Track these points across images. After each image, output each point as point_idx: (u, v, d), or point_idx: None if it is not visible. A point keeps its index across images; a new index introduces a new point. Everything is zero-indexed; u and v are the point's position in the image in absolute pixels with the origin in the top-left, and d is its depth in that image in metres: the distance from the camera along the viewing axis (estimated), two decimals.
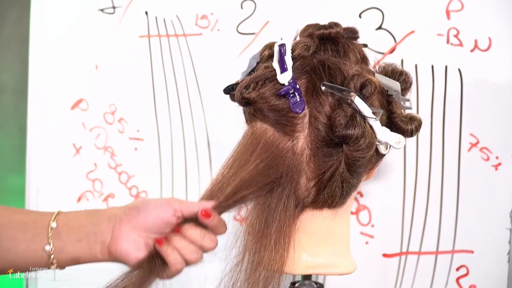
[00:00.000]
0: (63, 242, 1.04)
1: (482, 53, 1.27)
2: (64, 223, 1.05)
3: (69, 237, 1.04)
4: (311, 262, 1.00)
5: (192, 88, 1.42)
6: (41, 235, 1.04)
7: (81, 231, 1.05)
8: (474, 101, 1.28)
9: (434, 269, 1.33)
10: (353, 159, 0.94)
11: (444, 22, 1.28)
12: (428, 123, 1.29)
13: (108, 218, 1.04)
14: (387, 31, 1.31)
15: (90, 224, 1.05)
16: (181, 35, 1.42)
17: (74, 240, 1.04)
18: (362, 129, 0.93)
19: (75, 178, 1.49)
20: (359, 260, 1.07)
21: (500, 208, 1.28)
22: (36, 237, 1.05)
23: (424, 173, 1.32)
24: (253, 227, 0.97)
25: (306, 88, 0.96)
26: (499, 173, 1.28)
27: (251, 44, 1.37)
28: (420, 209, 1.33)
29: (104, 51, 1.46)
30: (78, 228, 1.05)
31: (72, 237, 1.04)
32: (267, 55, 1.01)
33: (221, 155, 1.43)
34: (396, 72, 1.02)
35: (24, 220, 1.06)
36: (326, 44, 1.00)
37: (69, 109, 1.48)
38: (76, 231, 1.05)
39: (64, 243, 1.04)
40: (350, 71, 0.96)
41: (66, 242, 1.04)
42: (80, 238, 1.04)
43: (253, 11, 1.37)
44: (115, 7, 1.44)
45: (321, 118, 0.94)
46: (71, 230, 1.05)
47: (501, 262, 1.29)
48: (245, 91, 0.98)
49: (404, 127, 0.99)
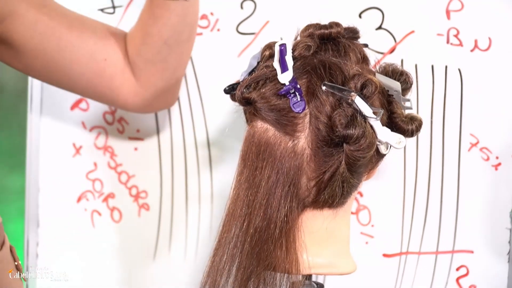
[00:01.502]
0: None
1: (482, 53, 1.27)
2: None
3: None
4: (311, 262, 1.00)
5: (192, 88, 1.42)
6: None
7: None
8: (474, 101, 1.28)
9: (434, 269, 1.33)
10: (353, 159, 0.95)
11: (444, 22, 1.28)
12: (428, 123, 1.29)
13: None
14: (387, 31, 1.31)
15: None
16: None
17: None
18: (363, 129, 0.93)
19: (75, 178, 1.49)
20: (359, 260, 1.07)
21: (500, 208, 1.28)
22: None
23: (424, 173, 1.32)
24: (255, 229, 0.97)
25: (306, 88, 0.96)
26: (499, 173, 1.28)
27: (251, 44, 1.37)
28: (420, 209, 1.33)
29: None
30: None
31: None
32: (268, 55, 1.01)
33: (221, 155, 1.43)
34: (396, 72, 1.02)
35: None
36: (326, 44, 1.00)
37: (69, 109, 1.48)
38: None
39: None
40: (350, 71, 0.96)
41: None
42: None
43: (253, 11, 1.37)
44: (115, 7, 1.44)
45: (321, 118, 0.94)
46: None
47: (501, 262, 1.29)
48: (245, 91, 0.98)
49: (405, 127, 0.99)
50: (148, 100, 1.28)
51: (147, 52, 1.22)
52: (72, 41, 1.20)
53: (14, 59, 1.21)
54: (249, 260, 0.99)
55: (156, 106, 1.33)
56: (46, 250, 1.49)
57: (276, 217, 0.96)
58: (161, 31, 1.19)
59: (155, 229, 1.46)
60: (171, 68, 1.24)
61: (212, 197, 1.44)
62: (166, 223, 1.46)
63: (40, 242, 1.49)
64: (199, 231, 1.45)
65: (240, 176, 1.00)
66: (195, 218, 1.45)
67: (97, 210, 1.48)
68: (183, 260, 1.45)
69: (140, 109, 1.32)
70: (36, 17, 1.17)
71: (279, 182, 0.96)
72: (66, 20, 1.21)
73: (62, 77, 1.24)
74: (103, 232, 1.48)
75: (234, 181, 1.02)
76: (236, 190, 1.01)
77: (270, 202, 0.96)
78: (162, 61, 1.22)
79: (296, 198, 0.96)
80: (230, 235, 0.99)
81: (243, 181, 1.00)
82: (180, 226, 1.46)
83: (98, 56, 1.22)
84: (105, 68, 1.23)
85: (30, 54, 1.20)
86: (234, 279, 1.00)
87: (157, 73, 1.24)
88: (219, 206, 1.43)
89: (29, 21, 1.17)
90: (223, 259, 0.99)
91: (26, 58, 1.20)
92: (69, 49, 1.20)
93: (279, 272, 0.98)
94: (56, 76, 1.24)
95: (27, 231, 1.50)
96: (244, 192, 0.99)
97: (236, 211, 1.00)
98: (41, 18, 1.18)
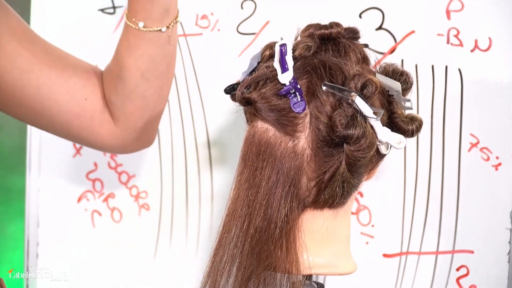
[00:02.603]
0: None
1: (482, 53, 1.27)
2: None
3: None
4: (312, 262, 1.00)
5: (192, 88, 1.42)
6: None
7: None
8: (474, 101, 1.28)
9: (434, 269, 1.33)
10: (354, 159, 0.95)
11: (444, 22, 1.28)
12: (428, 123, 1.30)
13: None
14: (387, 31, 1.31)
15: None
16: (181, 35, 1.42)
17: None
18: (363, 129, 0.93)
19: (75, 178, 1.49)
20: (359, 260, 1.07)
21: (500, 208, 1.28)
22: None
23: (424, 173, 1.32)
24: (255, 229, 0.97)
25: (307, 88, 0.96)
26: (499, 173, 1.28)
27: (252, 44, 1.37)
28: (420, 209, 1.33)
29: (104, 51, 1.46)
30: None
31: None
32: (268, 55, 1.01)
33: (221, 155, 1.43)
34: (397, 72, 1.02)
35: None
36: (327, 44, 1.00)
37: None
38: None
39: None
40: (351, 71, 0.96)
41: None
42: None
43: (253, 11, 1.37)
44: (116, 7, 1.44)
45: (322, 118, 0.95)
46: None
47: (501, 262, 1.29)
48: (246, 91, 0.98)
49: (405, 127, 0.99)
50: (127, 141, 1.21)
51: (124, 88, 1.15)
52: (52, 79, 1.14)
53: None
54: (250, 260, 0.99)
55: (134, 147, 1.26)
56: (46, 250, 1.49)
57: (276, 217, 0.96)
58: (137, 63, 1.13)
59: (155, 229, 1.46)
60: (150, 104, 1.17)
61: (212, 197, 1.44)
62: (166, 223, 1.46)
63: (40, 242, 1.49)
64: (199, 231, 1.45)
65: (240, 176, 1.01)
66: (195, 218, 1.45)
67: (97, 210, 1.48)
68: (183, 260, 1.45)
69: (117, 150, 1.27)
70: (17, 50, 1.11)
71: (280, 182, 0.96)
72: (48, 57, 1.15)
73: (39, 116, 1.17)
74: (104, 232, 1.48)
75: (234, 181, 1.02)
76: (237, 190, 1.01)
77: (271, 202, 0.96)
78: (140, 97, 1.15)
79: (296, 198, 0.96)
80: (230, 235, 0.99)
81: (243, 181, 1.00)
82: (181, 226, 1.46)
83: (78, 96, 1.16)
84: (85, 108, 1.16)
85: (7, 90, 1.12)
86: (234, 279, 1.00)
87: (136, 111, 1.17)
88: (219, 206, 1.43)
89: (10, 53, 1.11)
90: (223, 259, 0.99)
91: (2, 93, 1.13)
92: (49, 88, 1.14)
93: (279, 272, 0.98)
94: (32, 115, 1.17)
95: (27, 231, 1.50)
96: (245, 192, 0.99)
97: (237, 211, 1.00)
98: (23, 53, 1.12)
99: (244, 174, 0.99)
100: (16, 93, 1.12)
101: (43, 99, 1.14)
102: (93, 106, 1.16)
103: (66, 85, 1.15)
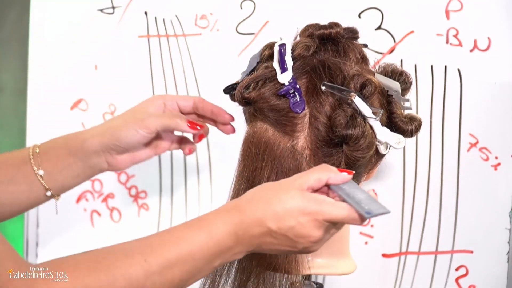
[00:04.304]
0: (61, 181, 1.08)
1: (481, 53, 1.27)
2: (51, 167, 1.07)
3: (65, 177, 1.07)
4: (311, 262, 1.00)
5: (191, 88, 1.42)
6: (36, 184, 1.06)
7: (73, 168, 1.07)
8: (474, 101, 1.28)
9: (433, 269, 1.33)
10: (353, 159, 0.95)
11: (444, 22, 1.28)
12: (427, 123, 1.30)
13: (95, 152, 1.06)
14: (386, 31, 1.31)
15: (78, 161, 1.07)
16: (180, 35, 1.42)
17: (72, 177, 1.08)
18: (362, 129, 0.93)
19: None
20: (358, 260, 1.07)
21: (499, 208, 1.28)
22: (32, 186, 1.07)
23: (424, 173, 1.32)
24: None
25: (306, 88, 0.96)
26: (498, 173, 1.28)
27: (251, 44, 1.37)
28: (419, 209, 1.33)
29: (103, 51, 1.46)
30: (69, 167, 1.07)
31: (69, 175, 1.07)
32: (267, 55, 1.01)
33: (221, 155, 1.43)
34: (396, 72, 1.02)
35: (10, 174, 1.07)
36: (326, 44, 1.00)
37: (69, 109, 1.48)
38: (69, 170, 1.07)
39: (63, 182, 1.08)
40: (350, 71, 0.96)
41: (63, 181, 1.08)
42: (77, 173, 1.08)
43: (253, 11, 1.37)
44: (115, 7, 1.44)
45: (321, 118, 0.94)
46: (64, 170, 1.07)
47: (501, 262, 1.29)
48: (245, 91, 0.98)
49: (404, 127, 0.99)
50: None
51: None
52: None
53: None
54: (249, 260, 0.99)
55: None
56: (46, 250, 1.49)
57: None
58: None
59: (155, 229, 1.46)
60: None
61: (211, 197, 1.44)
62: (165, 223, 1.46)
63: (40, 242, 1.49)
64: None
65: (239, 176, 1.00)
66: None
67: (96, 210, 1.48)
68: None
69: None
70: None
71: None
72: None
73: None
74: (103, 232, 1.48)
75: (233, 181, 1.02)
76: (236, 190, 1.01)
77: None
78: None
79: None
80: None
81: (242, 181, 1.00)
82: None
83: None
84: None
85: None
86: (233, 279, 1.00)
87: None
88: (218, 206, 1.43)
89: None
90: None
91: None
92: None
93: (278, 272, 0.98)
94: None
95: (27, 231, 1.50)
96: (244, 192, 0.99)
97: None
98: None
99: (244, 174, 0.99)
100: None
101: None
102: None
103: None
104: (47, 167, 1.07)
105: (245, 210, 0.85)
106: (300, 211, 0.84)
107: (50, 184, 1.07)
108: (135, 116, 1.05)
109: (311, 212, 0.84)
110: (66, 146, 1.07)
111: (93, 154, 1.06)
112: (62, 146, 1.07)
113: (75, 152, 1.06)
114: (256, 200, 0.86)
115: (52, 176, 1.07)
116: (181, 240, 0.85)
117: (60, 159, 1.07)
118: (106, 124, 1.08)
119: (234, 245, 0.86)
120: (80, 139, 1.06)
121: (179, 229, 0.87)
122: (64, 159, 1.07)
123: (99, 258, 0.85)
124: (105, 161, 1.07)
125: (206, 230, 0.85)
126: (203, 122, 1.10)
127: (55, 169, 1.07)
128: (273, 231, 0.85)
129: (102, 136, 1.05)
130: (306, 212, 0.84)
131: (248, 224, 0.85)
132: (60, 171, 1.07)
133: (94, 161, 1.07)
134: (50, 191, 1.08)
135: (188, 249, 0.84)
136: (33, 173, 1.07)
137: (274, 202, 0.85)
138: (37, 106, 1.49)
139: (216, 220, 0.86)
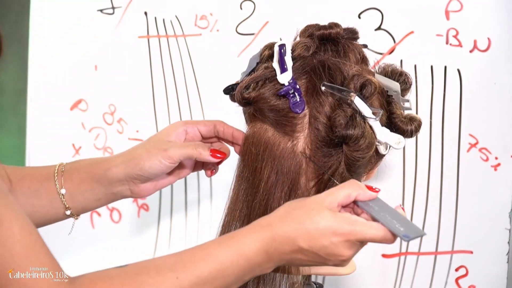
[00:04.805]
0: (82, 203, 1.08)
1: (481, 54, 1.27)
2: (73, 188, 1.08)
3: (86, 199, 1.08)
4: None
5: (191, 88, 1.42)
6: (57, 201, 1.07)
7: (95, 192, 1.08)
8: (474, 101, 1.28)
9: (433, 269, 1.33)
10: (353, 159, 0.95)
11: (444, 23, 1.28)
12: (427, 123, 1.30)
13: (119, 180, 1.06)
14: (386, 31, 1.31)
15: (101, 187, 1.08)
16: (180, 36, 1.42)
17: (93, 200, 1.08)
18: (362, 129, 0.93)
19: None
20: (358, 260, 1.07)
21: (499, 208, 1.28)
22: (53, 202, 1.08)
23: (424, 173, 1.32)
24: None
25: (306, 88, 0.96)
26: (498, 174, 1.28)
27: (251, 44, 1.37)
28: (419, 209, 1.33)
29: (103, 51, 1.46)
30: (91, 190, 1.08)
31: (90, 198, 1.08)
32: (267, 55, 1.01)
33: None
34: (396, 73, 1.02)
35: (34, 187, 1.08)
36: (326, 44, 1.00)
37: (69, 109, 1.48)
38: (91, 193, 1.08)
39: (83, 203, 1.08)
40: (350, 71, 0.96)
41: (84, 202, 1.08)
42: (99, 197, 1.08)
43: (253, 12, 1.37)
44: (115, 8, 1.44)
45: (321, 118, 0.94)
46: (86, 193, 1.08)
47: (501, 262, 1.29)
48: (245, 91, 0.98)
49: (404, 127, 0.99)
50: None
51: None
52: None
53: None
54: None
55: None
56: None
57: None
58: None
59: (155, 229, 1.46)
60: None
61: (211, 198, 1.44)
62: (165, 223, 1.46)
63: None
64: (199, 232, 1.45)
65: (239, 176, 1.00)
66: (194, 219, 1.45)
67: (96, 210, 1.48)
68: None
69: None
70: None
71: (279, 182, 0.96)
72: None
73: None
74: (103, 233, 1.48)
75: (233, 181, 1.02)
76: (236, 190, 1.01)
77: (270, 202, 0.96)
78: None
79: (295, 198, 0.96)
80: None
81: (242, 181, 1.00)
82: (180, 227, 1.46)
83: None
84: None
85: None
86: None
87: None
88: (218, 207, 1.43)
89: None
90: None
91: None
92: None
93: (278, 273, 0.98)
94: None
95: None
96: (244, 192, 0.99)
97: (236, 211, 1.00)
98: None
99: (243, 174, 0.99)
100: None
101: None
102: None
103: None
104: (70, 188, 1.08)
105: (277, 228, 0.87)
106: (333, 232, 0.86)
107: (71, 203, 1.09)
108: (157, 146, 1.05)
109: (344, 233, 0.86)
110: (90, 171, 1.08)
111: (116, 183, 1.07)
112: (87, 170, 1.08)
113: (98, 178, 1.08)
114: (289, 219, 0.87)
115: (74, 196, 1.09)
116: (212, 257, 0.86)
117: (83, 183, 1.08)
118: (129, 153, 1.08)
119: (264, 262, 0.87)
120: (104, 168, 1.07)
121: (210, 246, 0.88)
122: (87, 183, 1.08)
123: (132, 274, 0.85)
124: (128, 189, 1.08)
125: (237, 247, 0.86)
126: (224, 147, 1.10)
127: (77, 190, 1.09)
128: (304, 249, 0.86)
129: (126, 166, 1.06)
130: (339, 233, 0.86)
131: (279, 242, 0.86)
132: (82, 193, 1.09)
133: (118, 189, 1.08)
134: (70, 210, 1.09)
135: (219, 266, 0.85)
136: (55, 191, 1.08)
137: (307, 222, 0.86)
138: (37, 106, 1.49)
139: (247, 237, 0.87)
